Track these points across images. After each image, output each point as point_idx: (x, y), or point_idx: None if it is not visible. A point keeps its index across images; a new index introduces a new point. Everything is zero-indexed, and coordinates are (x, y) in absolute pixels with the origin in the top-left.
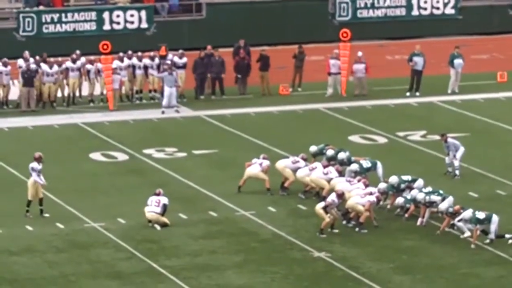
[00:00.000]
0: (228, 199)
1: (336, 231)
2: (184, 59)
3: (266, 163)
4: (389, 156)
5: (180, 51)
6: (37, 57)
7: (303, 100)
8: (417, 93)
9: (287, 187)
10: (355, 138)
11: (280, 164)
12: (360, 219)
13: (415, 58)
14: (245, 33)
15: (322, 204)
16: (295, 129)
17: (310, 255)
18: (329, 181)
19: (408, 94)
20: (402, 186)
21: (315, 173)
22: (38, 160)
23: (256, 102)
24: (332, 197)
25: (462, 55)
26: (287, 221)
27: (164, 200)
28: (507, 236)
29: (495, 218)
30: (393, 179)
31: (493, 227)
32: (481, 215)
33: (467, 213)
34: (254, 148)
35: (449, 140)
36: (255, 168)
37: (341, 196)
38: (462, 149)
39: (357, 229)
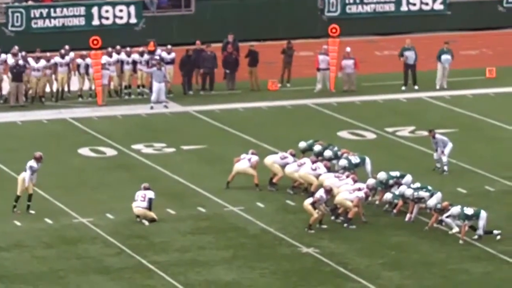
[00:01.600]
0: (217, 195)
1: (325, 226)
2: (173, 55)
3: (255, 158)
4: (377, 152)
5: (169, 46)
6: (24, 53)
7: (292, 96)
8: (416, 87)
9: (275, 183)
10: (343, 134)
11: (269, 160)
12: (349, 215)
13: (406, 53)
14: (234, 28)
15: (310, 200)
16: (284, 124)
17: (298, 251)
18: (317, 176)
19: (403, 88)
20: (391, 182)
21: (303, 169)
22: (38, 160)
23: (244, 98)
24: (320, 193)
25: (451, 51)
26: (276, 216)
27: (150, 194)
28: (495, 232)
29: (483, 214)
30: (381, 175)
31: (481, 223)
32: (469, 211)
33: (455, 209)
34: (242, 143)
35: (437, 136)
36: (243, 163)
37: (329, 192)
38: (450, 145)
39: (345, 224)
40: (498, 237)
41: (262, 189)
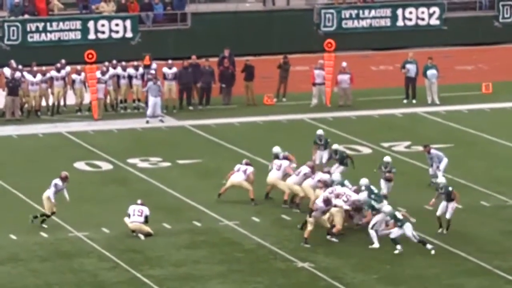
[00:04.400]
0: (212, 209)
1: (335, 240)
2: (174, 69)
3: (250, 170)
4: (373, 167)
5: (170, 61)
6: (20, 66)
7: (288, 110)
8: (414, 101)
9: (298, 203)
10: (340, 149)
11: (288, 181)
12: (334, 229)
13: (408, 66)
14: (230, 42)
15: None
16: (280, 139)
17: (293, 265)
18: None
19: (405, 101)
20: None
21: (307, 181)
22: (64, 179)
23: (240, 112)
24: (319, 202)
25: (435, 66)
26: (271, 231)
27: (146, 211)
28: (428, 246)
29: (408, 225)
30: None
31: (408, 231)
32: (399, 215)
33: (387, 208)
34: (238, 158)
35: (432, 151)
36: (239, 176)
37: (327, 202)
38: (445, 160)
39: (328, 236)
40: (433, 252)
41: (257, 204)
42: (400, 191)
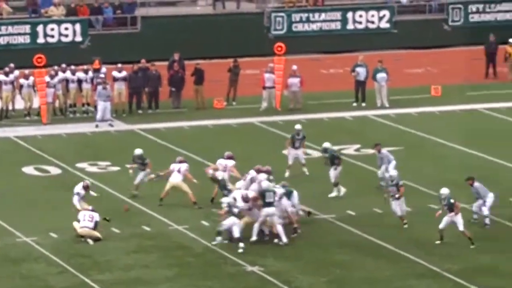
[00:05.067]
0: (162, 213)
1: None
2: (124, 73)
3: (184, 167)
4: (323, 170)
5: (119, 65)
6: None
7: (238, 114)
8: (363, 104)
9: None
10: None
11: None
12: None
13: (358, 69)
14: (180, 46)
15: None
16: (230, 143)
17: (243, 269)
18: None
19: (355, 104)
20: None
21: (253, 186)
22: (85, 188)
23: (190, 116)
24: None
25: (385, 69)
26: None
27: (97, 217)
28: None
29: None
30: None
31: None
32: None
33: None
34: (188, 162)
35: (383, 151)
36: (176, 177)
37: (245, 199)
38: (393, 162)
39: (276, 240)
40: (240, 250)
41: (202, 207)
42: (349, 194)
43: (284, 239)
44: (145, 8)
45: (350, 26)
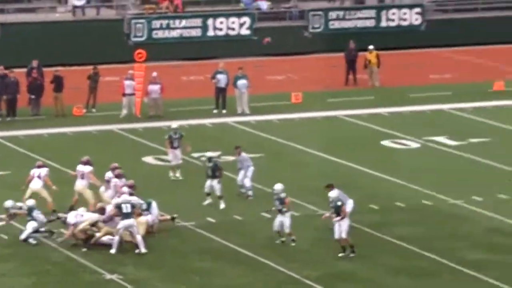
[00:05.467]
0: (20, 222)
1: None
2: None
3: (44, 172)
4: (184, 178)
5: None
6: None
7: (98, 121)
8: (224, 111)
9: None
10: (149, 159)
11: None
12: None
13: (218, 76)
14: (39, 53)
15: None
16: (89, 150)
17: (102, 278)
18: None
19: (215, 111)
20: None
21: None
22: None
23: (49, 123)
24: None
25: (246, 76)
26: (79, 243)
27: None
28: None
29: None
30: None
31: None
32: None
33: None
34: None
35: (243, 154)
36: (37, 183)
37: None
38: (251, 169)
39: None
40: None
41: (60, 218)
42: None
43: (143, 249)
44: (4, 14)
45: (210, 33)
